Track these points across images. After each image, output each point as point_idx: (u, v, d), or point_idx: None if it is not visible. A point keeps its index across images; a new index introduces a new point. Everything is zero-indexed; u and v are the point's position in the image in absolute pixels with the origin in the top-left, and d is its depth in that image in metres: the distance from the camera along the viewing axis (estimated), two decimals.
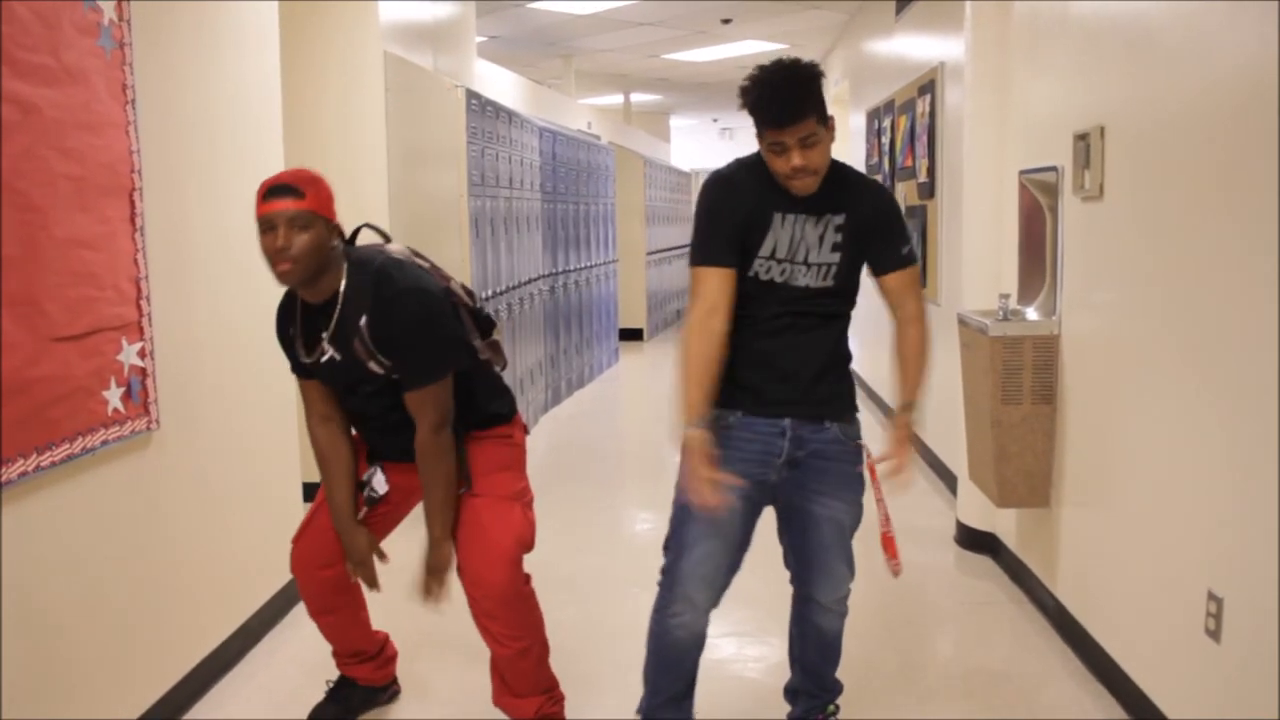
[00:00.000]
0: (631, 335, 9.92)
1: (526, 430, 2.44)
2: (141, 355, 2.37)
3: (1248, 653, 2.00)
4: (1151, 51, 2.41)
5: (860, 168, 6.27)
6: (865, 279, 2.16)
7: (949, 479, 4.42)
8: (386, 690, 2.65)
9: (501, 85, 7.16)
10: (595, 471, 5.28)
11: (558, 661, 2.44)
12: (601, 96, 12.97)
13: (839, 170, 2.09)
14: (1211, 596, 2.12)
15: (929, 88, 4.85)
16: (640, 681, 2.28)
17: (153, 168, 2.44)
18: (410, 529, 2.50)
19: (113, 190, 2.27)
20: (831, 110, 1.99)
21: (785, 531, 2.23)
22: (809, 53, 9.19)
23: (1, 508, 1.93)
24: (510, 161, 5.70)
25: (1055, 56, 3.05)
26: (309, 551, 2.37)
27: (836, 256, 2.06)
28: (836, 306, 2.12)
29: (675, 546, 2.14)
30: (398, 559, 2.45)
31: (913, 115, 5.23)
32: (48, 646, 2.11)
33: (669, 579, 2.15)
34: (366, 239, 2.29)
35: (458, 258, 4.71)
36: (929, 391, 2.16)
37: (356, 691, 2.58)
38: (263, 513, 3.08)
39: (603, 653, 2.85)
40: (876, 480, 2.15)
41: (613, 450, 5.93)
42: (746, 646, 2.97)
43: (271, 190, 2.05)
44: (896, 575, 2.21)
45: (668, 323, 10.87)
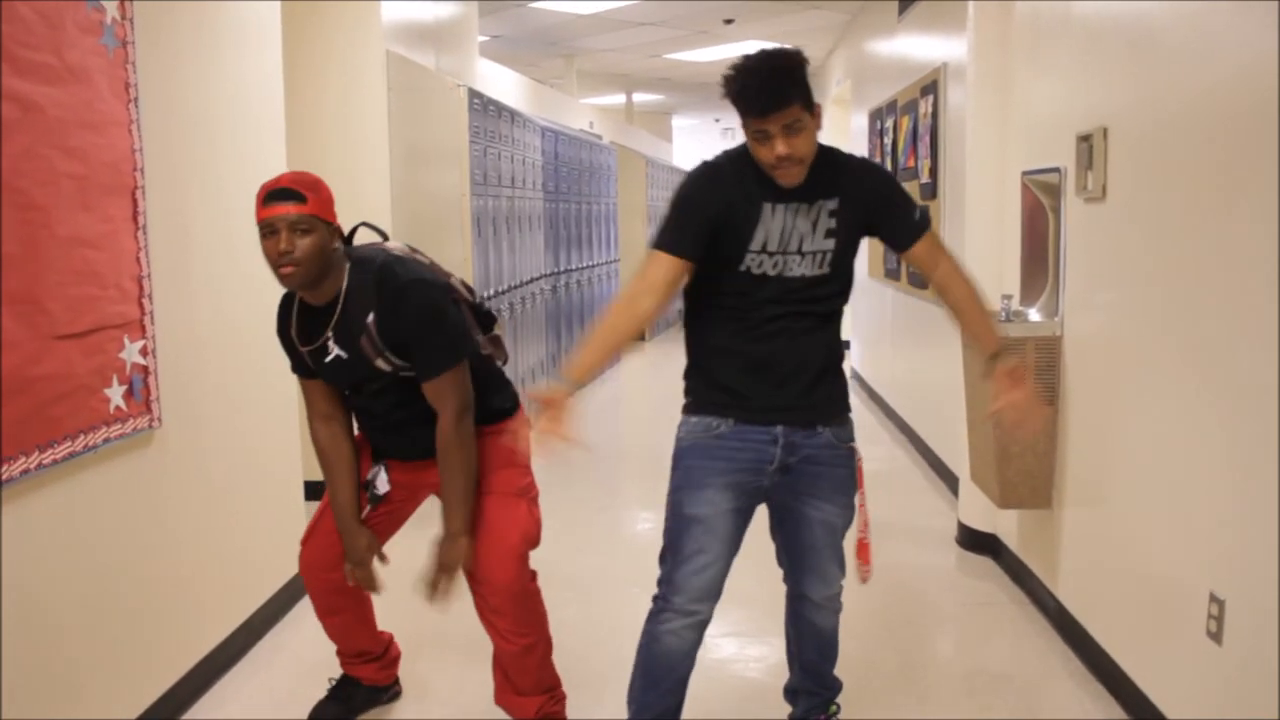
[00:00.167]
0: None
1: (529, 425, 2.44)
2: (143, 353, 2.37)
3: (1249, 655, 2.00)
4: (1154, 52, 2.40)
5: None
6: (863, 279, 2.15)
7: (950, 480, 4.41)
8: (389, 690, 2.65)
9: (504, 85, 7.17)
10: (596, 471, 5.28)
11: (559, 660, 2.44)
12: (603, 96, 12.98)
13: (829, 155, 2.03)
14: (1213, 598, 2.12)
15: (931, 88, 4.85)
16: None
17: (155, 166, 2.44)
18: (413, 530, 2.50)
19: (115, 189, 2.27)
20: (833, 110, 1.99)
21: (777, 531, 2.22)
22: (811, 53, 9.14)
23: (3, 505, 1.94)
24: (512, 161, 5.71)
25: (1058, 57, 3.05)
26: (317, 554, 2.37)
27: (831, 243, 2.01)
28: (832, 303, 2.08)
29: (672, 559, 2.10)
30: (399, 560, 2.44)
31: (915, 115, 5.23)
32: (49, 643, 2.11)
33: (666, 589, 2.10)
34: (364, 238, 2.29)
35: (460, 257, 4.72)
36: (929, 391, 2.16)
37: (359, 691, 2.58)
38: (264, 510, 3.08)
39: (604, 652, 2.85)
40: (862, 486, 2.14)
41: (614, 450, 5.92)
42: (747, 646, 2.97)
43: (272, 194, 2.04)
44: (864, 582, 2.20)
45: (669, 323, 10.86)
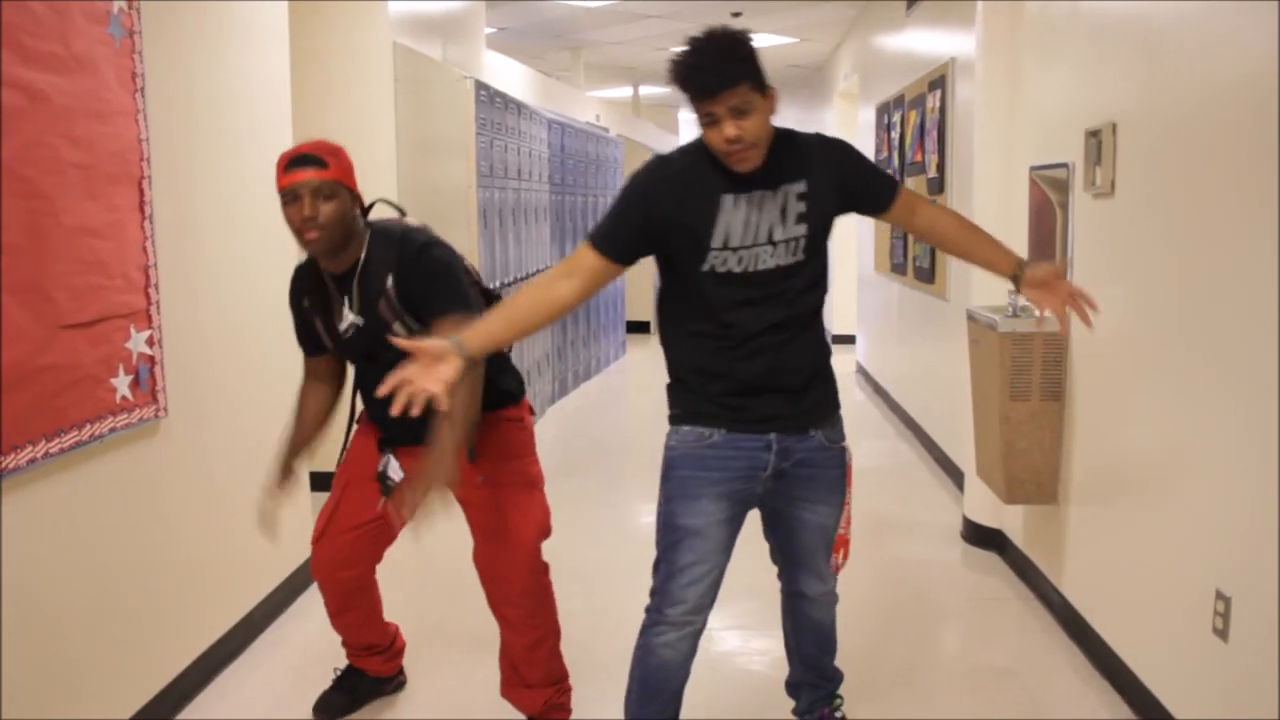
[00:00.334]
0: (639, 328, 9.91)
1: (532, 411, 2.44)
2: (150, 343, 2.37)
3: (1255, 652, 1.99)
4: (1163, 48, 2.39)
5: None
6: (869, 274, 2.13)
7: (956, 475, 4.41)
8: (393, 680, 2.66)
9: (510, 77, 7.15)
10: (601, 464, 5.28)
11: (564, 652, 2.45)
12: (610, 89, 12.95)
13: (786, 137, 1.94)
14: (1219, 595, 2.11)
15: (939, 83, 4.83)
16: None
17: (161, 156, 2.44)
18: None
19: (121, 178, 2.27)
20: (840, 104, 1.96)
21: (771, 532, 2.20)
22: (819, 47, 9.15)
23: (4, 495, 1.94)
24: (519, 153, 5.70)
25: (1066, 52, 3.03)
26: (329, 554, 2.37)
27: (803, 228, 1.92)
28: (807, 301, 1.99)
29: (665, 569, 2.05)
30: (397, 554, 2.45)
31: (923, 110, 5.21)
32: (51, 634, 2.11)
33: (659, 600, 2.06)
34: (381, 214, 2.29)
35: (466, 248, 4.71)
36: (934, 386, 2.15)
37: (364, 681, 2.60)
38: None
39: (609, 644, 2.85)
40: (850, 483, 2.13)
41: (619, 443, 5.93)
42: (752, 640, 2.98)
43: (294, 161, 2.05)
44: (835, 573, 2.18)
45: None
